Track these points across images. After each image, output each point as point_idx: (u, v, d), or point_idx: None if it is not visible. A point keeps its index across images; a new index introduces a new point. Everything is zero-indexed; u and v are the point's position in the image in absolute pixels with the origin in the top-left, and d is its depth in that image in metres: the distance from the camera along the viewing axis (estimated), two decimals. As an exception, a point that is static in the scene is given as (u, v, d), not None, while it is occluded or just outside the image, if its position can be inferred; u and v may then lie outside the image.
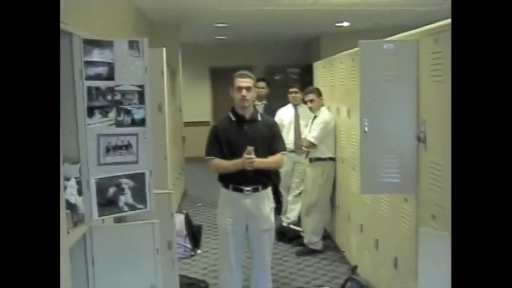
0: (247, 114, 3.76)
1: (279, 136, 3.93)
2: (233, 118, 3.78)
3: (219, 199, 3.86)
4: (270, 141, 3.79)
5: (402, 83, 3.01)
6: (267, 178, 3.80)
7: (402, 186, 3.08)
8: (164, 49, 3.32)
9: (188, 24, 8.10)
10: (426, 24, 2.90)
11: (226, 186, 3.76)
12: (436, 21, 2.77)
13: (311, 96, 5.28)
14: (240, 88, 3.68)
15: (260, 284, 3.92)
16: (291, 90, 6.18)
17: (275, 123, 4.06)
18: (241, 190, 3.71)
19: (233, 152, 3.70)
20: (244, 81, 3.70)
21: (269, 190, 3.83)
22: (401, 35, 3.29)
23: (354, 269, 4.34)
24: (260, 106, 6.48)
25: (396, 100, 3.03)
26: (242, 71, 3.80)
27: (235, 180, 3.72)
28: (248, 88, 3.69)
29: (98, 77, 2.45)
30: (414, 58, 2.98)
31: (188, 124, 9.60)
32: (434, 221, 2.82)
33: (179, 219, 5.30)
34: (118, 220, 2.85)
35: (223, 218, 3.79)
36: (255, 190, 3.72)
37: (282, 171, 5.75)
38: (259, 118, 3.83)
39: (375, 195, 3.93)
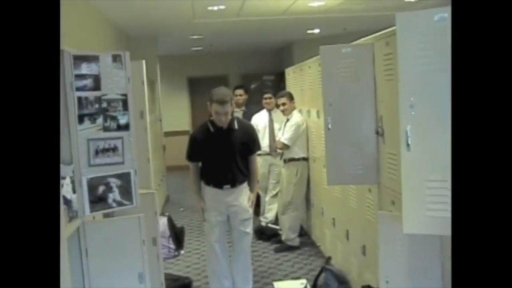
0: (224, 125, 4.02)
1: (256, 139, 4.28)
2: (212, 129, 4.06)
3: (203, 195, 4.19)
4: (249, 145, 4.15)
5: (360, 83, 3.33)
6: (243, 176, 4.15)
7: (364, 176, 3.39)
8: (144, 61, 3.60)
9: (165, 36, 8.37)
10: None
11: (208, 184, 4.13)
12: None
13: (283, 100, 5.59)
14: (218, 113, 3.92)
15: (240, 271, 4.24)
16: (265, 96, 6.44)
17: (251, 127, 4.37)
18: (220, 187, 4.08)
19: (212, 162, 4.08)
20: (222, 108, 3.89)
21: (245, 184, 4.18)
22: (358, 40, 3.62)
23: (328, 260, 4.63)
24: (239, 113, 6.75)
25: (356, 98, 3.34)
26: (220, 95, 3.92)
27: (215, 180, 4.10)
28: (226, 113, 3.92)
29: (86, 87, 2.73)
30: (370, 60, 3.30)
31: (168, 134, 9.85)
32: (393, 206, 3.12)
33: (162, 221, 5.55)
34: (107, 215, 3.12)
35: (209, 212, 4.14)
36: (233, 186, 4.10)
37: (259, 173, 6.02)
38: (236, 126, 4.09)
39: (344, 189, 4.26)
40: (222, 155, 4.04)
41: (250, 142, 4.15)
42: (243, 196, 4.16)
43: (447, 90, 2.22)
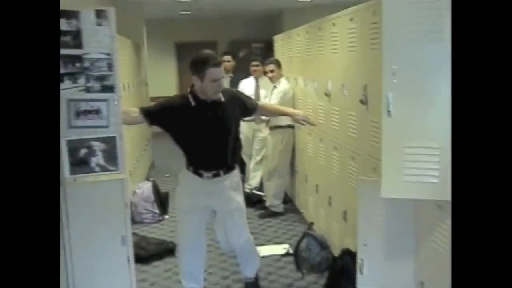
0: (215, 96, 3.25)
1: (246, 96, 3.62)
2: (193, 103, 3.24)
3: (179, 179, 3.53)
4: (246, 105, 3.46)
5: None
6: (231, 161, 3.41)
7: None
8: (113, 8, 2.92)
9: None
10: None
11: (187, 166, 3.41)
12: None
13: (271, 67, 5.56)
14: (215, 80, 3.15)
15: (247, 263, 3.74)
16: (253, 63, 6.40)
17: (235, 90, 3.91)
18: (200, 175, 3.35)
19: (192, 143, 3.31)
20: (220, 72, 3.20)
21: (235, 172, 3.46)
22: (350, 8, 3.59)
23: (310, 225, 4.68)
24: (227, 79, 6.70)
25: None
26: (214, 57, 3.25)
27: (195, 164, 3.37)
28: (222, 78, 3.25)
29: (66, 45, 2.65)
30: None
31: (155, 99, 9.67)
32: (374, 172, 3.15)
33: (147, 186, 5.57)
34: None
35: (182, 200, 3.46)
36: (216, 175, 3.34)
37: (243, 138, 4.51)
38: (223, 98, 3.27)
39: (328, 156, 4.29)
40: (205, 134, 3.24)
41: (244, 102, 3.44)
42: (228, 186, 3.38)
43: (430, 59, 2.24)
